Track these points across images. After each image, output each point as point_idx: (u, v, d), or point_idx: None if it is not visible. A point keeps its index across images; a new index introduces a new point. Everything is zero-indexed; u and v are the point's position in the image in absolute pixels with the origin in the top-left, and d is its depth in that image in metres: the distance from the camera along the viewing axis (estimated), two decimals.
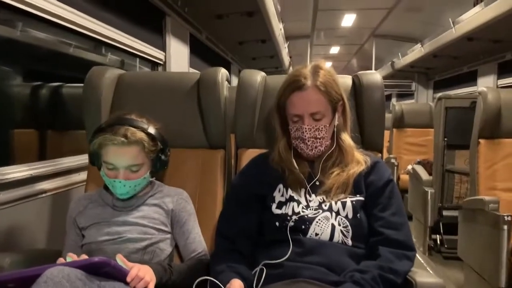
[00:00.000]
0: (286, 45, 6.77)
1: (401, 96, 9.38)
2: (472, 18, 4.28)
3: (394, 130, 4.87)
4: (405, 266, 1.16)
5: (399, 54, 7.20)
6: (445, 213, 3.26)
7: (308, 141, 1.28)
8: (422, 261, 3.28)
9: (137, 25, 2.62)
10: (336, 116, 1.32)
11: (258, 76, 1.59)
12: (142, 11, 2.72)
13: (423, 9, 5.83)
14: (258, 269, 1.19)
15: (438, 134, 3.32)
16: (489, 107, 2.43)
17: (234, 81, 5.63)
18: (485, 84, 5.31)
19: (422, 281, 1.08)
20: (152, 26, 2.88)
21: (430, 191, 3.33)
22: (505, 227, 2.06)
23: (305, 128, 1.26)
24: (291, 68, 9.34)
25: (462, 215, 2.61)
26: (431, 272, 1.13)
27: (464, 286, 2.59)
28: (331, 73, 1.33)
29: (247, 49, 5.51)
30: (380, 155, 1.51)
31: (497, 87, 5.04)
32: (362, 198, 1.26)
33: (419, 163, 4.08)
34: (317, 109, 1.26)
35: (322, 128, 1.27)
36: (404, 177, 4.24)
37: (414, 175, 3.76)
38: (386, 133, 5.32)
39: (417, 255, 3.32)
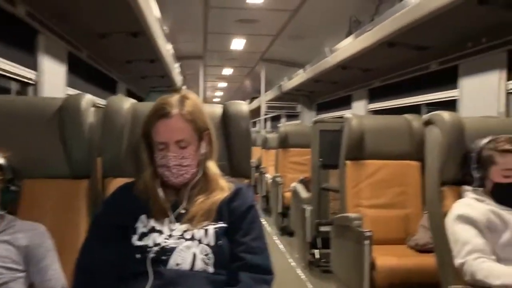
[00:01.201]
0: (177, 65, 6.76)
1: (290, 117, 9.91)
2: (344, 48, 4.71)
3: (280, 150, 5.10)
4: None
5: (285, 78, 7.63)
6: (322, 228, 3.47)
7: (173, 168, 1.28)
8: (302, 276, 3.47)
9: (3, 43, 2.42)
10: (203, 144, 1.35)
11: (125, 103, 1.56)
12: (10, 28, 2.52)
13: (305, 37, 6.28)
14: None
15: (314, 154, 3.56)
16: (353, 132, 2.69)
17: None
18: (359, 107, 5.85)
19: None
20: (21, 44, 2.67)
21: (308, 208, 3.55)
22: (366, 242, 2.27)
23: (170, 156, 1.27)
24: (183, 87, 9.33)
25: (334, 231, 2.82)
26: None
27: None
28: (197, 102, 1.35)
29: (136, 68, 5.38)
30: (247, 181, 1.57)
31: (368, 110, 5.60)
32: (224, 225, 1.29)
33: (301, 181, 4.32)
34: (182, 137, 1.28)
35: (187, 156, 1.29)
36: (288, 195, 4.45)
37: (295, 193, 3.98)
38: (273, 153, 5.57)
39: (297, 270, 3.50)
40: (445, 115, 1.75)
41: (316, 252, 3.54)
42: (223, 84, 13.69)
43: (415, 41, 3.64)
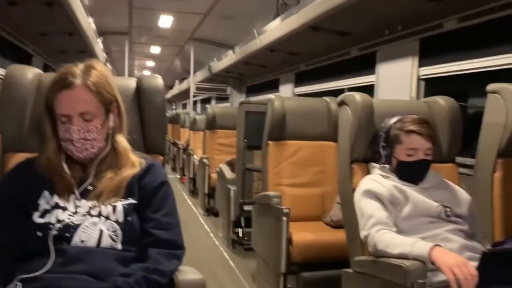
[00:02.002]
0: (99, 41, 6.42)
1: (220, 99, 9.86)
2: (272, 31, 4.76)
3: (207, 131, 5.07)
4: (172, 266, 1.20)
5: (215, 59, 7.56)
6: (245, 208, 3.52)
7: (77, 142, 1.22)
8: (225, 255, 3.51)
9: None
10: (111, 117, 1.29)
11: (29, 73, 1.45)
12: None
13: (234, 18, 6.24)
14: (12, 285, 1.08)
15: (240, 135, 3.58)
16: (276, 113, 2.74)
17: None
18: (286, 91, 5.97)
19: (183, 279, 1.14)
20: None
21: (232, 188, 3.58)
22: (284, 218, 2.34)
23: (74, 129, 1.20)
24: (108, 64, 8.91)
25: (255, 210, 2.87)
26: (194, 270, 1.19)
27: (256, 275, 2.86)
28: (104, 73, 1.29)
29: (53, 42, 5.03)
30: (162, 157, 1.54)
31: (295, 94, 5.73)
32: (134, 201, 1.25)
33: (229, 162, 4.33)
34: (87, 109, 1.21)
35: (93, 129, 1.23)
36: (215, 176, 4.45)
37: (220, 174, 3.99)
38: (201, 134, 5.52)
39: (221, 249, 3.52)
40: (356, 96, 1.83)
41: (240, 231, 3.60)
42: (151, 63, 13.27)
43: (337, 27, 3.76)
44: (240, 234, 3.59)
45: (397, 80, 3.40)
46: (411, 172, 1.65)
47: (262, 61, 5.93)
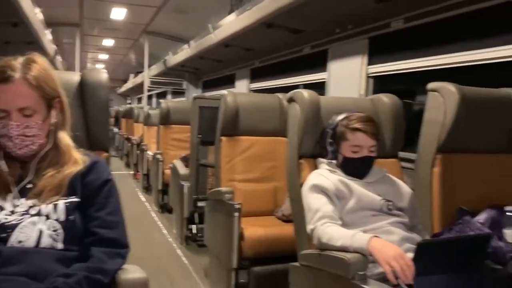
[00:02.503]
0: (48, 32, 6.15)
1: (177, 94, 9.73)
2: (227, 26, 4.74)
3: (161, 126, 4.99)
4: (115, 265, 1.18)
5: (170, 53, 7.44)
6: (199, 204, 3.51)
7: (16, 139, 1.17)
8: (178, 251, 3.49)
9: None
10: (53, 113, 1.25)
11: None
12: None
13: (189, 11, 6.17)
14: None
15: (194, 131, 3.56)
16: (229, 108, 2.74)
17: None
18: (241, 86, 5.98)
19: (125, 278, 1.12)
20: None
21: (186, 184, 3.55)
22: (236, 214, 2.35)
23: (12, 125, 1.16)
24: (57, 57, 8.56)
25: (208, 206, 2.87)
26: (138, 268, 1.18)
27: (208, 271, 2.87)
28: (46, 67, 1.24)
29: None
30: (106, 154, 1.50)
31: (250, 89, 5.75)
32: (77, 199, 1.22)
33: (183, 158, 4.29)
34: (26, 104, 1.17)
35: (33, 125, 1.18)
36: (169, 172, 4.40)
37: (174, 170, 3.95)
38: (156, 130, 5.43)
39: (174, 246, 3.48)
40: (304, 93, 1.87)
41: (194, 227, 3.58)
42: (104, 56, 12.88)
43: (290, 24, 3.81)
44: (194, 231, 3.57)
45: (348, 77, 3.49)
46: (356, 168, 1.70)
47: (217, 56, 5.91)
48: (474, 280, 1.33)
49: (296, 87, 4.52)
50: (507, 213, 1.72)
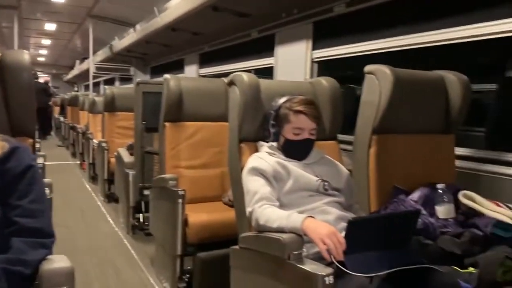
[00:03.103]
0: None
1: (125, 80, 9.44)
2: (173, 9, 4.62)
3: (106, 114, 4.82)
4: (38, 255, 1.12)
5: (116, 37, 7.18)
6: (146, 192, 3.43)
7: None
8: (125, 241, 3.41)
9: None
10: None
11: None
12: None
13: None
14: None
15: (138, 117, 3.47)
16: (172, 93, 2.67)
17: None
18: (191, 71, 5.88)
19: (47, 268, 1.06)
20: None
21: (131, 172, 3.46)
22: (180, 200, 2.31)
23: None
24: None
25: (152, 193, 2.81)
26: (64, 258, 1.11)
27: (154, 259, 2.82)
28: None
29: None
30: (31, 140, 1.42)
31: (200, 75, 5.66)
32: None
33: (130, 146, 4.17)
34: None
35: None
36: (114, 161, 4.27)
37: (118, 158, 3.83)
38: (101, 117, 5.22)
39: (121, 235, 3.38)
40: (244, 76, 1.85)
41: (141, 216, 3.50)
42: (47, 41, 12.24)
43: (237, 7, 3.77)
44: (141, 220, 3.49)
45: (294, 62, 3.50)
46: (296, 150, 1.71)
47: (165, 40, 5.77)
48: (404, 255, 1.37)
49: (247, 72, 4.49)
50: (439, 191, 1.79)
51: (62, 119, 10.04)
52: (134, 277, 2.70)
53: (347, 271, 1.24)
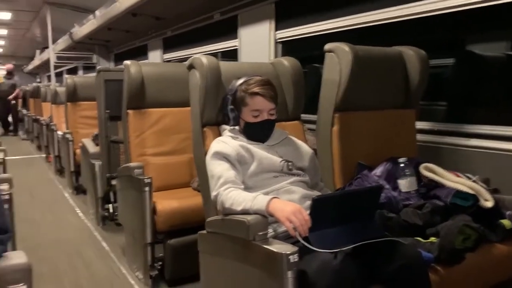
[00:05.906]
0: None
1: (89, 69, 9.17)
2: None
3: (69, 104, 4.67)
4: None
5: (76, 25, 6.94)
6: (113, 182, 3.37)
7: None
8: (95, 233, 3.35)
9: None
10: None
11: None
12: None
13: None
14: None
15: (101, 106, 3.37)
16: (133, 79, 2.61)
17: None
18: (155, 57, 5.76)
19: (5, 265, 1.03)
20: None
21: (97, 163, 3.39)
22: (146, 188, 2.28)
23: None
24: None
25: (118, 183, 2.76)
26: (22, 254, 1.08)
27: (125, 249, 2.79)
28: None
29: None
30: None
31: (163, 60, 5.55)
32: None
33: (96, 136, 4.07)
34: None
35: None
36: (80, 151, 4.16)
37: (83, 149, 3.74)
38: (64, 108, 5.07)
39: (91, 227, 3.32)
40: (203, 59, 1.82)
41: (110, 207, 3.44)
42: (3, 31, 11.71)
43: None
44: (111, 210, 3.43)
45: (257, 44, 3.47)
46: (257, 132, 1.70)
47: (126, 26, 5.61)
48: (369, 229, 1.40)
49: (214, 55, 4.43)
50: (401, 165, 1.83)
51: (25, 111, 9.70)
52: (105, 268, 2.67)
53: (312, 247, 1.26)
